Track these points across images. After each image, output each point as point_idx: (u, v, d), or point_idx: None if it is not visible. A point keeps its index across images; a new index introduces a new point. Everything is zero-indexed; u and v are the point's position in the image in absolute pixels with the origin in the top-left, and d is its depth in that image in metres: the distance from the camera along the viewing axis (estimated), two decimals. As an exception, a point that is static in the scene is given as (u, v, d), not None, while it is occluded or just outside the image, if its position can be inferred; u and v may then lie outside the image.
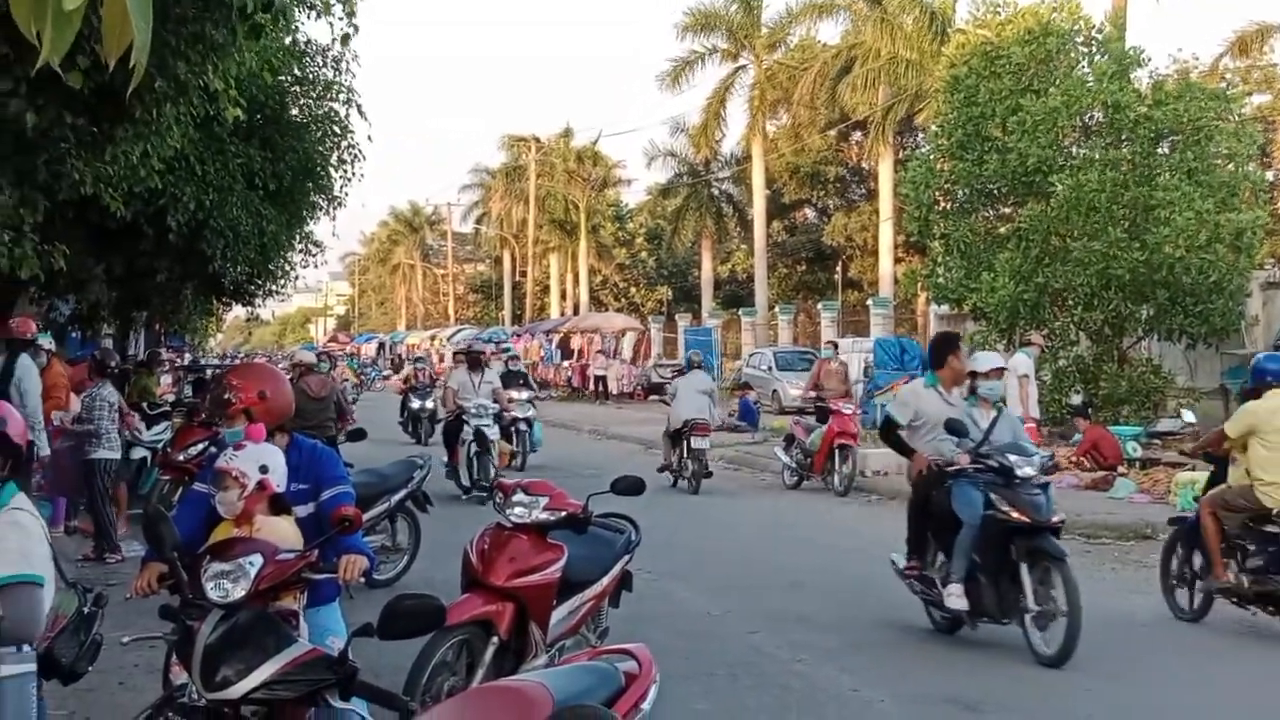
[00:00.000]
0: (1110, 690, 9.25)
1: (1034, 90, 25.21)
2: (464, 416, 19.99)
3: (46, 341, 14.81)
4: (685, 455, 21.45)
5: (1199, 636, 11.29)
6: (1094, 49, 26.33)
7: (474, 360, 21.18)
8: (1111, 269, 23.48)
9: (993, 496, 10.40)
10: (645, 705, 5.05)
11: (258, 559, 5.16)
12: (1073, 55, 26.14)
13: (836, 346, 27.34)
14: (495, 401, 20.59)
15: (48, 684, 5.36)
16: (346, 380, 34.90)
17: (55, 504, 14.87)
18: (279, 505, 5.93)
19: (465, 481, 19.83)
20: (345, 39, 12.62)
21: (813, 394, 23.67)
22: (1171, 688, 9.45)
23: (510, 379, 23.96)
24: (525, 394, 24.34)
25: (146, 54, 2.34)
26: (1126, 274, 23.43)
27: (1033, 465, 10.53)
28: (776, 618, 11.68)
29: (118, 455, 14.66)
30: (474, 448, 19.80)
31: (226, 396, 6.43)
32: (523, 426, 23.74)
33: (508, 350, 29.56)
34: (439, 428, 24.37)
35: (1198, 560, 11.75)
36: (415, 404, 30.89)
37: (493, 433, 19.98)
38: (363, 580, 6.07)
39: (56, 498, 14.94)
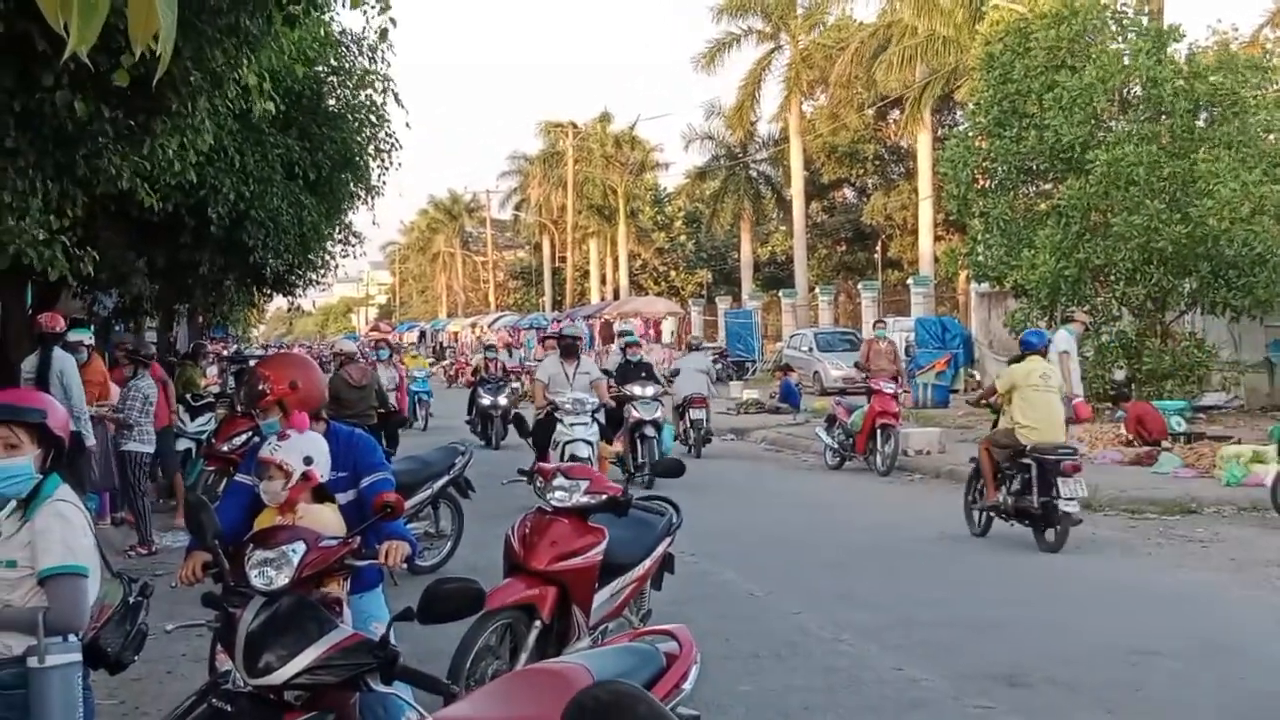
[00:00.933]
0: (1150, 662, 9.22)
1: (1069, 67, 25.04)
2: (556, 414, 16.69)
3: (87, 336, 14.88)
4: (688, 425, 23.78)
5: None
6: (1126, 25, 26.13)
7: (567, 347, 17.99)
8: (1153, 243, 23.32)
9: None
10: (686, 685, 5.06)
11: (301, 546, 5.19)
12: (1105, 32, 25.95)
13: (885, 325, 26.93)
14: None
15: (94, 674, 5.41)
16: (411, 371, 31.91)
17: (100, 496, 14.97)
18: (321, 493, 5.96)
19: None
20: (384, 34, 12.61)
21: (862, 374, 23.35)
22: (1219, 661, 9.40)
23: (629, 372, 20.78)
24: (650, 389, 20.30)
25: (172, 41, 2.36)
26: (1169, 248, 23.26)
27: None
28: (820, 598, 11.69)
29: (150, 449, 14.73)
30: (567, 449, 16.00)
31: (260, 388, 6.46)
32: (649, 432, 19.76)
33: (628, 335, 25.55)
34: (513, 427, 22.35)
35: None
36: (486, 400, 26.76)
37: (589, 432, 16.38)
38: (405, 566, 6.10)
39: (101, 490, 15.04)
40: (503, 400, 26.48)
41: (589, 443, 15.91)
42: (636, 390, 19.87)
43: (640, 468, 18.44)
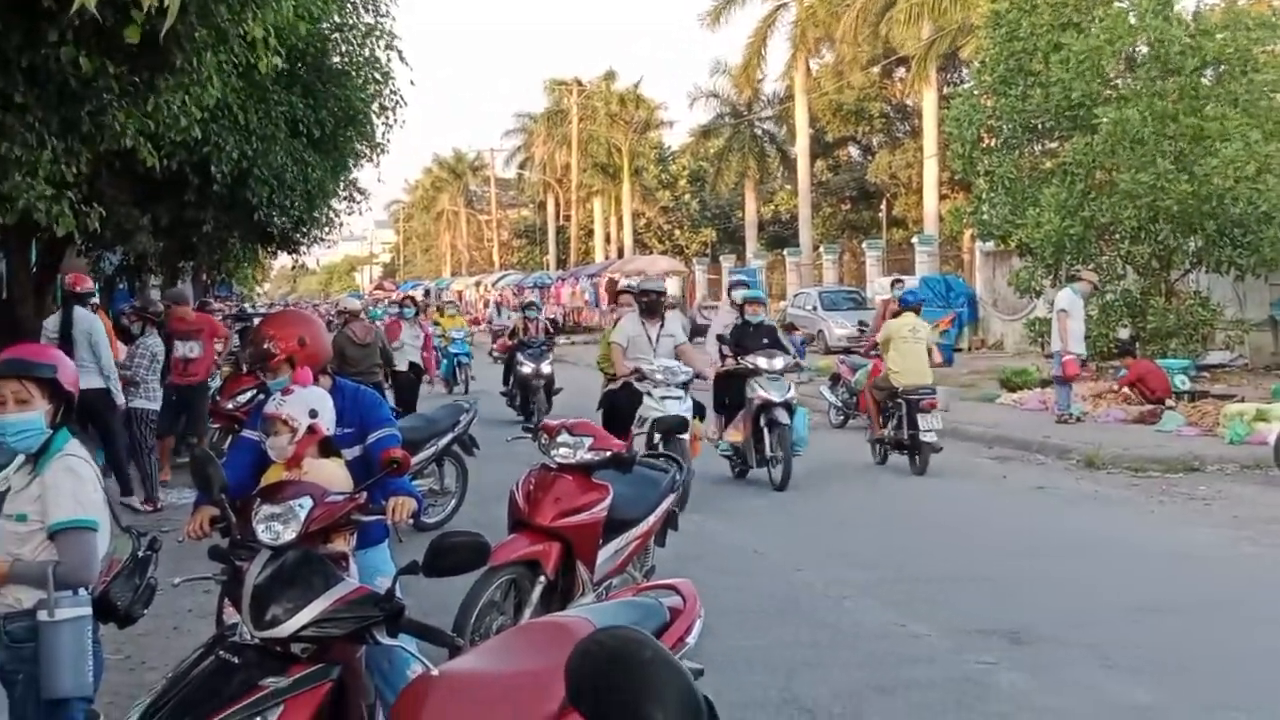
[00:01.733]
0: (1152, 619, 9.27)
1: (1075, 25, 24.94)
2: (640, 386, 14.04)
3: (92, 295, 14.93)
4: None
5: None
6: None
7: (650, 304, 14.91)
8: (1159, 201, 23.26)
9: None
10: (690, 639, 5.10)
11: (307, 501, 5.22)
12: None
13: (903, 284, 26.54)
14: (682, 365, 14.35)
15: (104, 628, 5.46)
16: (449, 331, 29.07)
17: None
18: (328, 448, 5.99)
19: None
20: None
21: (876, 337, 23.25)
22: (1219, 617, 9.45)
23: (748, 337, 16.10)
24: (779, 361, 15.69)
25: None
26: (1175, 206, 23.19)
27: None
28: (821, 555, 11.75)
29: (156, 405, 14.77)
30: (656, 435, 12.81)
31: (267, 347, 6.48)
32: (780, 416, 15.29)
33: (748, 289, 18.53)
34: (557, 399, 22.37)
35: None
36: (527, 367, 22.80)
37: (683, 408, 13.69)
38: (411, 522, 6.13)
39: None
40: (546, 368, 22.89)
41: (684, 420, 13.29)
42: (761, 362, 15.53)
43: (770, 460, 15.42)
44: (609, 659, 3.03)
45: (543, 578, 7.69)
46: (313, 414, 5.87)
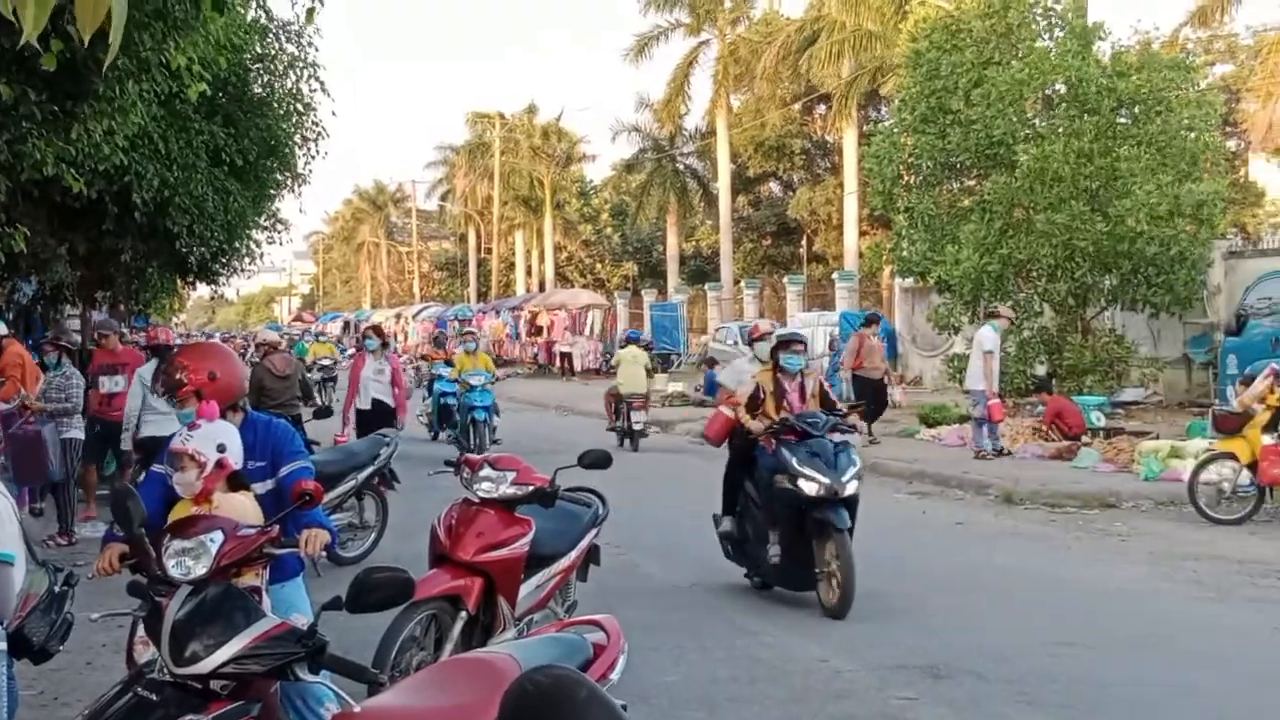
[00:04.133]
0: (1070, 654, 9.34)
1: (996, 63, 25.24)
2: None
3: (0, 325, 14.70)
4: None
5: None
6: (1054, 22, 26.37)
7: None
8: (1075, 240, 23.58)
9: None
10: (614, 675, 5.08)
11: (219, 535, 5.16)
12: (1033, 28, 26.16)
13: (878, 321, 25.82)
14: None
15: (18, 663, 5.36)
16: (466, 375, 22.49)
17: (20, 486, 14.77)
18: (237, 482, 5.92)
19: None
20: (310, 14, 12.50)
21: (855, 371, 23.67)
22: (1136, 653, 9.54)
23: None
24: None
25: (122, 30, 2.35)
26: (1090, 245, 23.53)
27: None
28: (745, 590, 11.74)
29: (82, 435, 14.59)
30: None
31: (178, 378, 6.40)
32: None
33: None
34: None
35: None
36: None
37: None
38: (324, 555, 6.08)
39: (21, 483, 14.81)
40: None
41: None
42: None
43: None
44: (544, 698, 3.01)
45: (464, 613, 7.64)
46: (220, 448, 5.79)
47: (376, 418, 16.97)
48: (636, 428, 24.39)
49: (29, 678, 7.53)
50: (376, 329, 19.40)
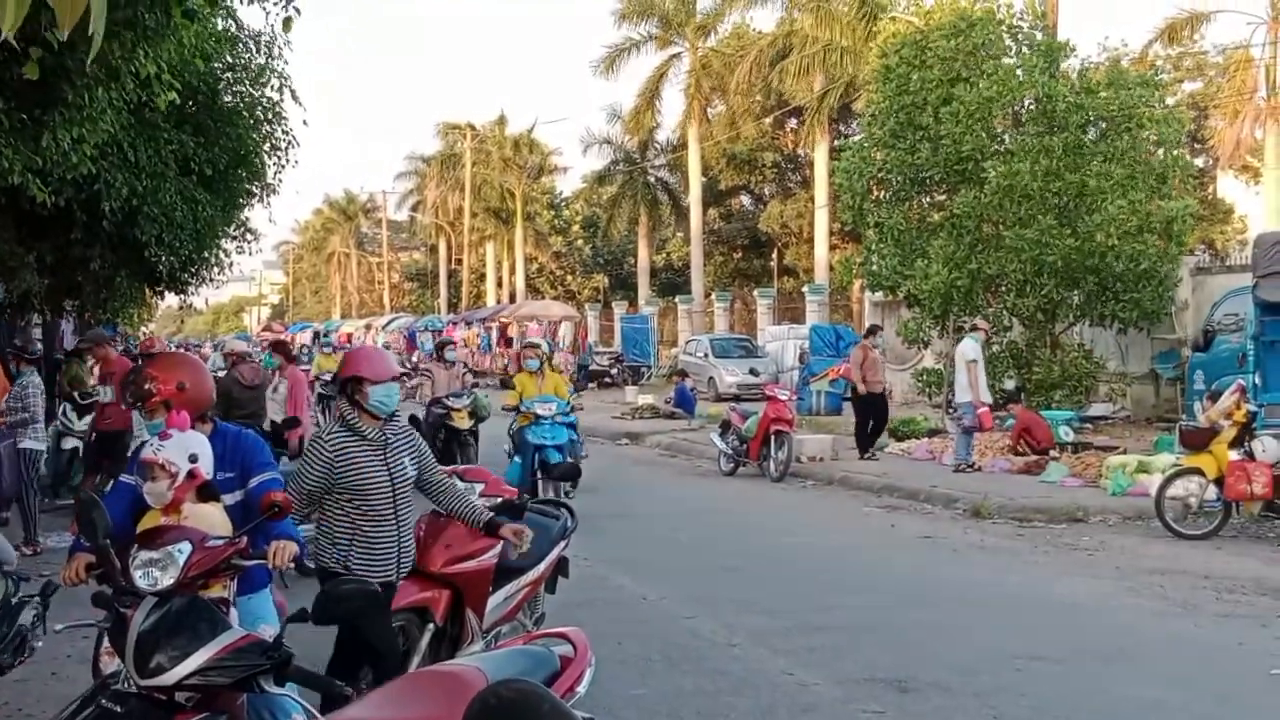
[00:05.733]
0: (1037, 668, 9.36)
1: (964, 79, 25.34)
2: None
3: None
4: None
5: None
6: (1020, 40, 26.51)
7: None
8: (1044, 256, 23.70)
9: None
10: (580, 688, 5.08)
11: (186, 546, 5.14)
12: (999, 45, 26.28)
13: (880, 332, 25.41)
14: None
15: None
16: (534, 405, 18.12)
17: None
18: (207, 493, 5.89)
19: None
20: (287, 23, 12.48)
21: (861, 389, 22.91)
22: (1103, 667, 9.56)
23: None
24: None
25: (104, 23, 2.34)
26: (1059, 261, 23.65)
27: None
28: (713, 602, 11.74)
29: (43, 446, 14.51)
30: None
31: (147, 388, 6.37)
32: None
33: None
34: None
35: None
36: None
37: None
38: (293, 566, 6.07)
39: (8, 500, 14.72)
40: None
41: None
42: None
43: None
44: (506, 712, 3.01)
45: (432, 624, 7.63)
46: (192, 458, 5.77)
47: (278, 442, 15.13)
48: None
49: (-9, 689, 7.48)
50: (276, 344, 18.46)
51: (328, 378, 26.66)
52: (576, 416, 17.90)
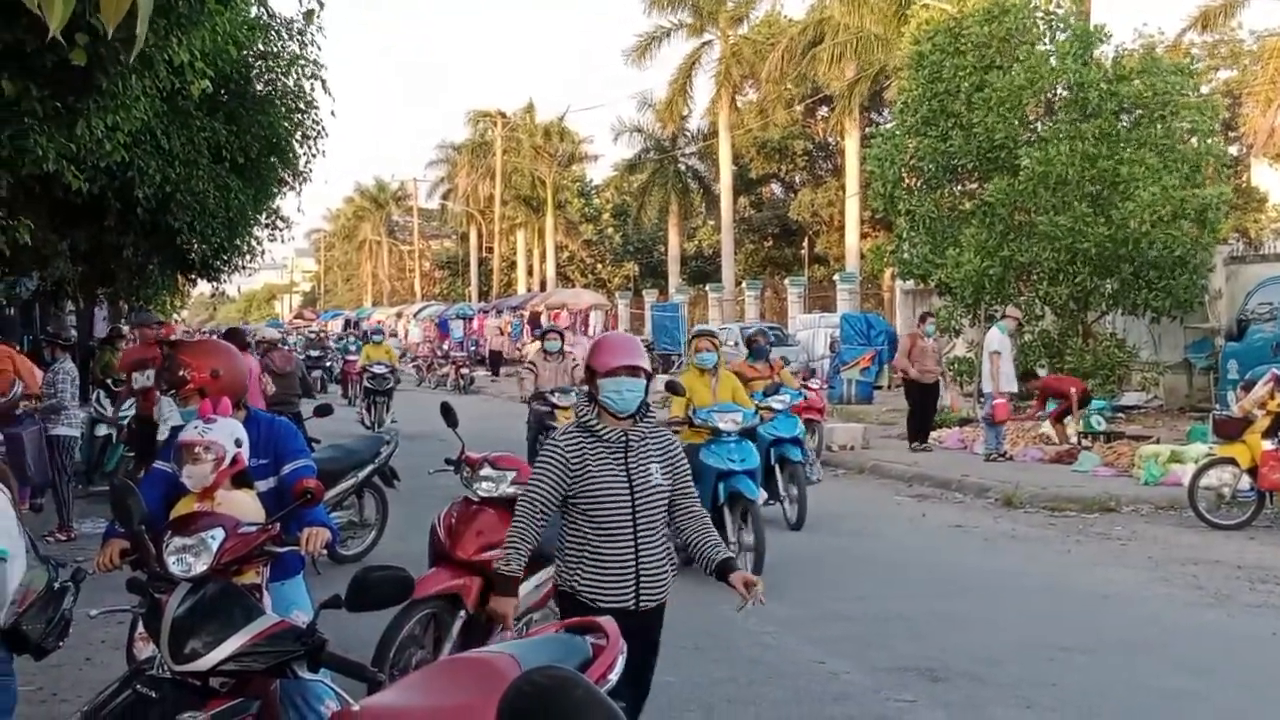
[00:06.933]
0: (1067, 658, 9.33)
1: (998, 67, 25.22)
2: None
3: None
4: None
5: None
6: (1054, 26, 26.36)
7: None
8: (1077, 244, 23.57)
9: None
10: (612, 676, 5.08)
11: (219, 533, 5.16)
12: (1034, 32, 26.15)
13: (932, 318, 24.60)
14: None
15: (17, 659, 5.35)
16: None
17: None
18: (241, 479, 5.91)
19: None
20: (309, 15, 12.55)
21: (912, 372, 22.54)
22: (1134, 658, 9.53)
23: None
24: None
25: (148, 19, 2.36)
26: (1092, 249, 23.52)
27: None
28: (743, 591, 11.72)
29: (77, 432, 14.58)
30: None
31: (181, 374, 6.39)
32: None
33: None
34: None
35: None
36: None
37: None
38: (325, 553, 6.09)
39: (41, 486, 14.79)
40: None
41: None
42: None
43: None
44: (541, 697, 3.00)
45: (463, 612, 7.64)
46: (238, 443, 5.79)
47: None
48: None
49: (28, 673, 7.51)
50: (230, 332, 17.30)
51: (378, 369, 26.74)
52: (804, 429, 16.14)
